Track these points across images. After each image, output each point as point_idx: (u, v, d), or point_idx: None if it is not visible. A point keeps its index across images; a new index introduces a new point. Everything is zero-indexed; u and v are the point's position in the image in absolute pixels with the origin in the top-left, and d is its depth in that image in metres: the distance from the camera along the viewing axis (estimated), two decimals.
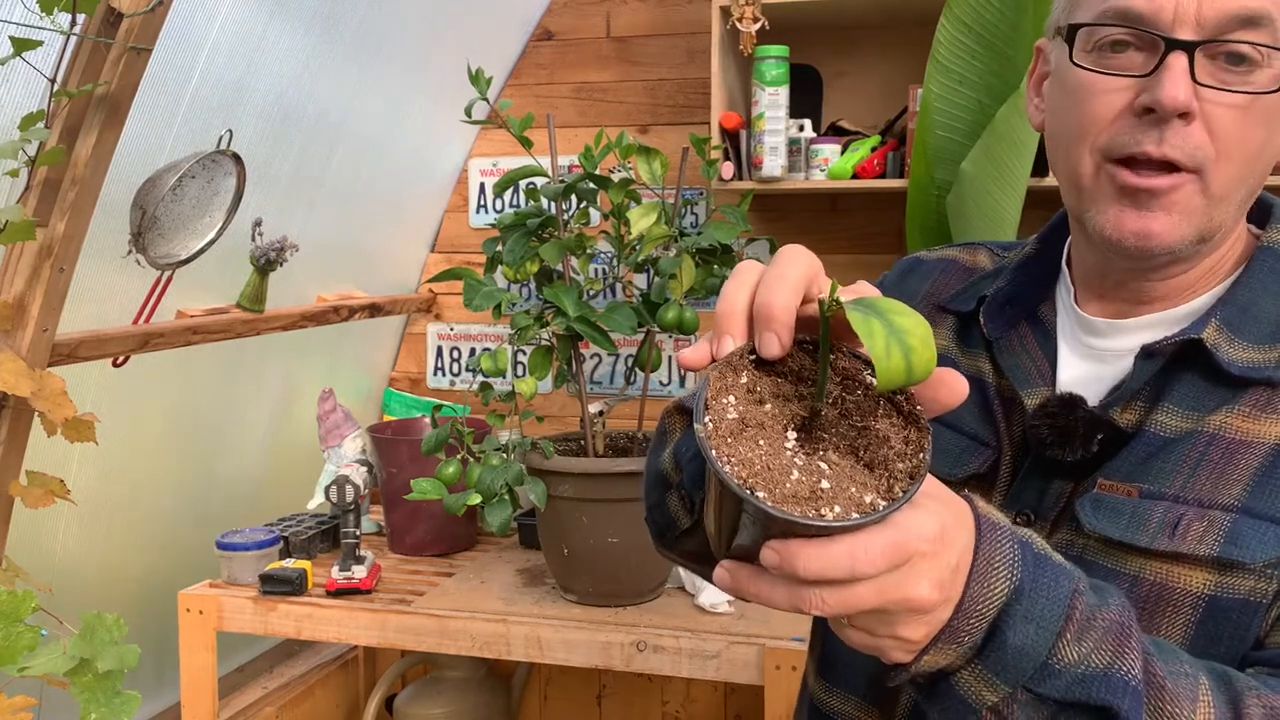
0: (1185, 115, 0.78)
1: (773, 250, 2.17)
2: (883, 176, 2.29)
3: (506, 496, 1.91)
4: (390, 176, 2.59)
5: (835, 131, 2.43)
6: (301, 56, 2.06)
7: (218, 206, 1.90)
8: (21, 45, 1.29)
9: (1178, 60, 0.77)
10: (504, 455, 1.96)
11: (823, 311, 0.60)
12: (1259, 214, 0.91)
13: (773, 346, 0.62)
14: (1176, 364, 0.84)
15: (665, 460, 1.01)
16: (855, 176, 2.28)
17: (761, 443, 0.59)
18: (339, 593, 2.08)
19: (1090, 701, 0.65)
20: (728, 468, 0.57)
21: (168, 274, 1.88)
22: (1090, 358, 0.89)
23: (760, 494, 0.57)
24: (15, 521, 1.50)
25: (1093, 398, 0.85)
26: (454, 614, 2.00)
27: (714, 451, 0.58)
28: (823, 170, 2.31)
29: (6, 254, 1.47)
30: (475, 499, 1.92)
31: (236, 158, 1.87)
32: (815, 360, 0.63)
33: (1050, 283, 0.94)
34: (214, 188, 1.89)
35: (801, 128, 2.34)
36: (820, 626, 1.01)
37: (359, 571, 2.09)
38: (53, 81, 1.41)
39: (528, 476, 1.94)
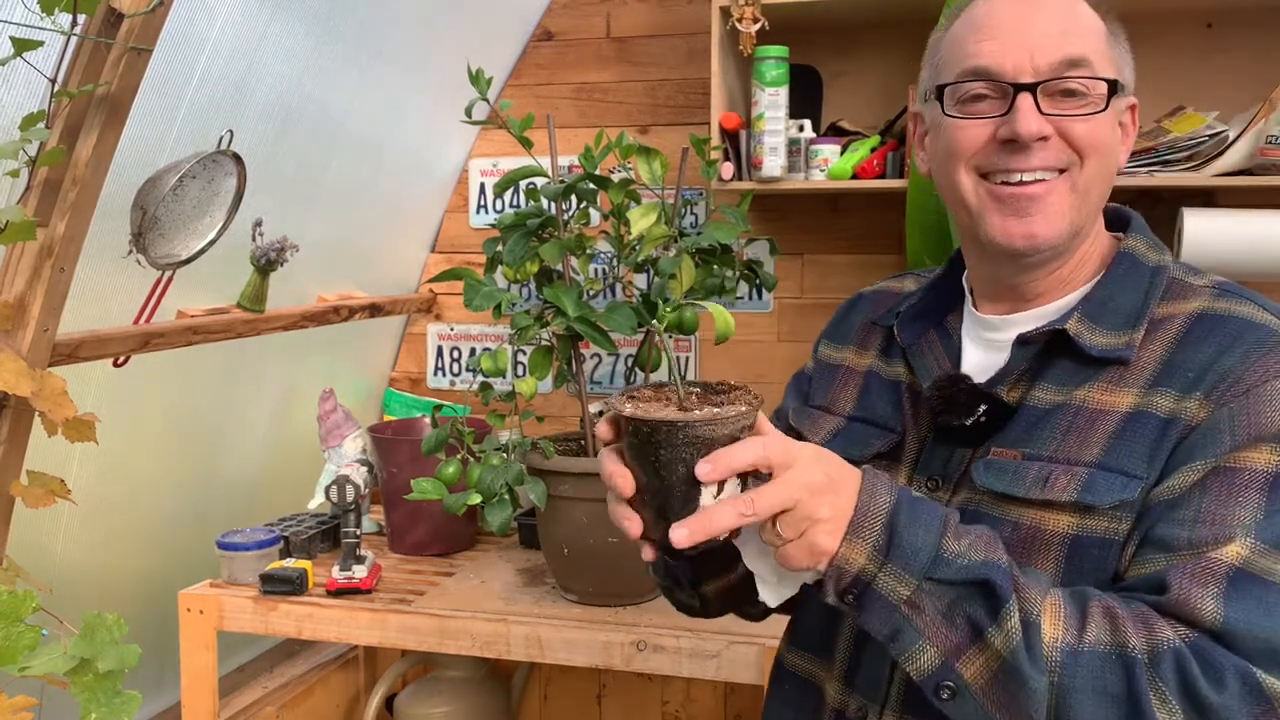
0: (1043, 139, 1.00)
1: (772, 250, 2.17)
2: (882, 177, 2.29)
3: (506, 496, 1.91)
4: (390, 177, 2.59)
5: (835, 132, 2.43)
6: (302, 57, 2.06)
7: (218, 207, 1.91)
8: (22, 45, 1.30)
9: (1025, 100, 0.99)
10: (504, 455, 1.97)
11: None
12: (1119, 223, 1.12)
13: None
14: (1051, 350, 1.04)
15: (657, 582, 1.24)
16: (855, 177, 2.28)
17: (657, 406, 0.91)
18: (339, 592, 2.08)
19: (976, 578, 0.88)
20: (641, 410, 0.89)
21: (168, 274, 1.88)
22: (987, 348, 1.09)
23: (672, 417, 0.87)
24: (16, 521, 1.51)
25: (984, 379, 1.06)
26: (454, 614, 2.00)
27: (629, 408, 0.90)
28: (822, 170, 2.31)
29: (7, 254, 1.47)
30: (475, 499, 1.92)
31: (237, 158, 1.87)
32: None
33: (958, 299, 1.15)
34: (214, 188, 1.89)
35: (801, 128, 2.34)
36: (794, 608, 1.20)
37: (359, 571, 2.09)
38: (53, 82, 1.41)
39: (528, 476, 1.94)
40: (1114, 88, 1.02)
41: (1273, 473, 0.92)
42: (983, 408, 1.02)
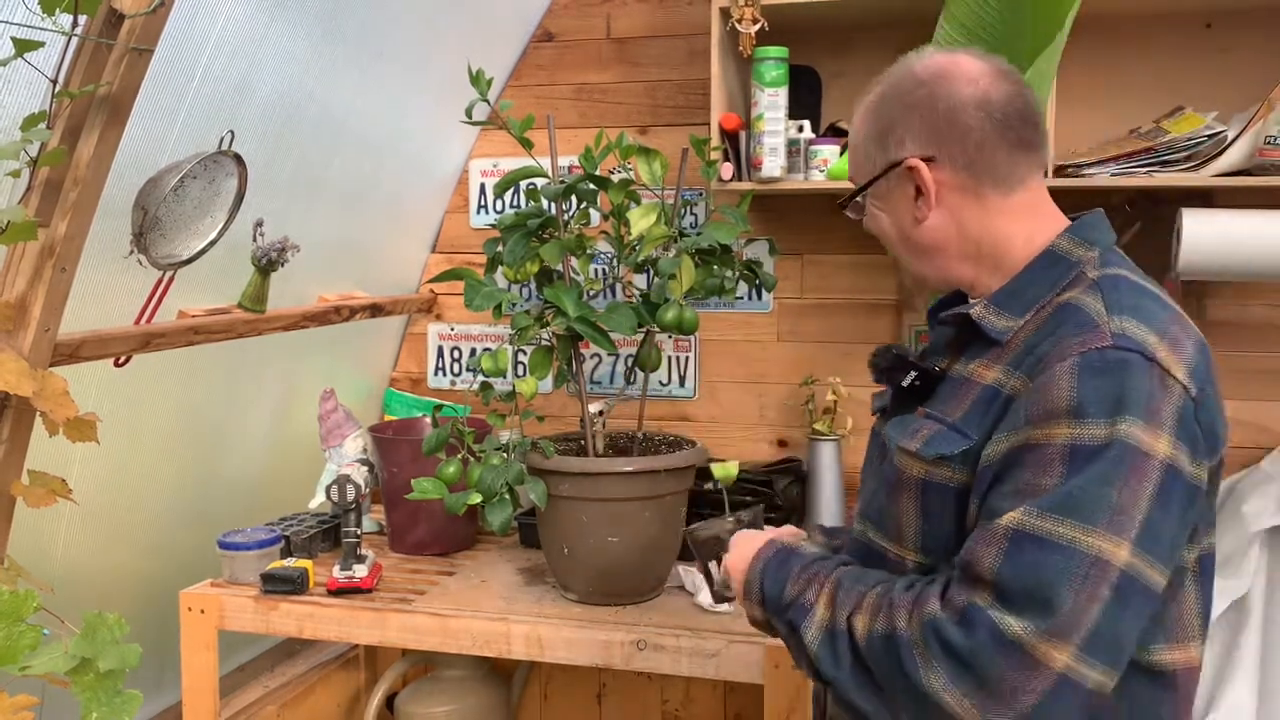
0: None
1: (772, 251, 2.17)
2: None
3: (507, 496, 1.92)
4: (391, 177, 2.60)
5: (834, 132, 2.44)
6: (303, 57, 2.07)
7: (219, 207, 1.91)
8: (23, 46, 1.30)
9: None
10: (504, 455, 1.97)
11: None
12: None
13: None
14: (968, 332, 1.23)
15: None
16: None
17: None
18: (340, 592, 2.08)
19: (785, 618, 1.23)
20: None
21: (169, 274, 1.88)
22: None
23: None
24: (17, 521, 1.51)
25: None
26: (455, 613, 2.01)
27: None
28: (822, 171, 2.31)
29: (9, 254, 1.48)
30: (476, 498, 1.92)
31: (238, 158, 1.87)
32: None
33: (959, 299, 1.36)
34: (215, 188, 1.89)
35: (801, 128, 2.34)
36: None
37: (360, 571, 2.09)
38: (54, 82, 1.41)
39: (528, 476, 1.94)
40: (857, 194, 1.30)
41: (1069, 446, 1.06)
42: (913, 374, 1.26)
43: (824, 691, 1.34)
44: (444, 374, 2.93)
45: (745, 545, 1.33)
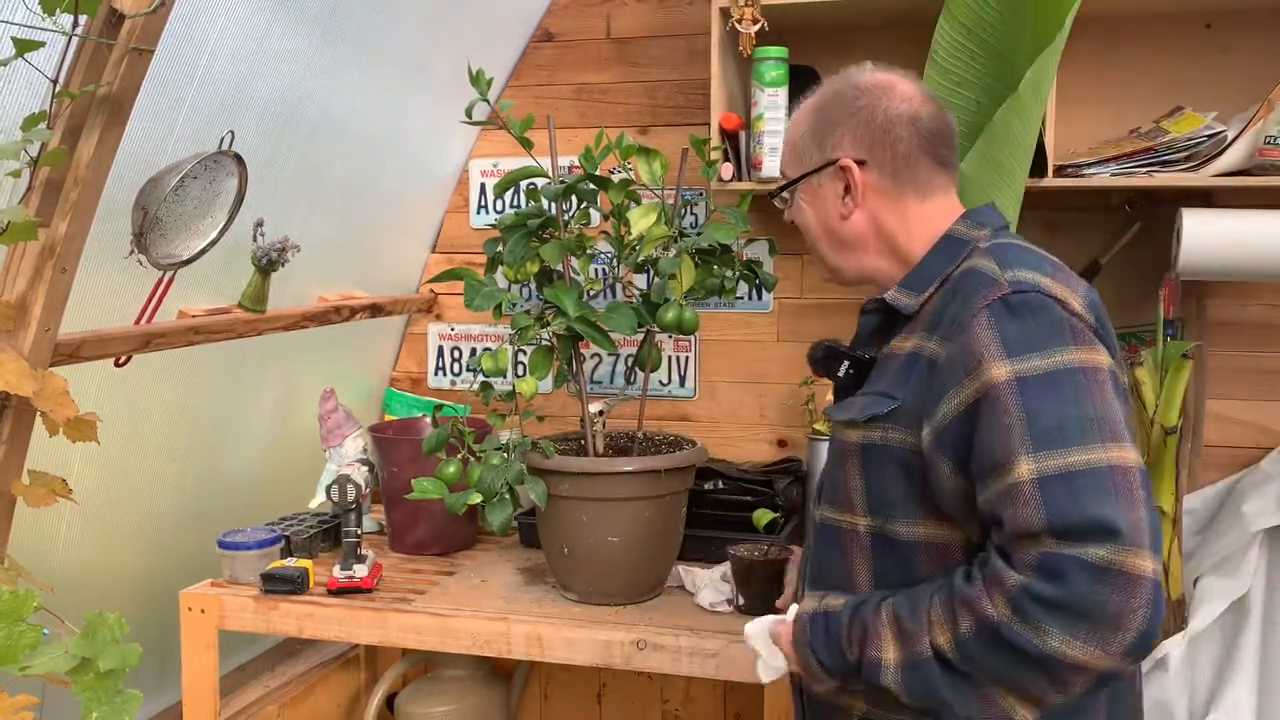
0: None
1: (772, 251, 2.17)
2: None
3: (507, 496, 1.92)
4: (391, 177, 2.60)
5: None
6: (303, 57, 2.07)
7: (219, 207, 1.91)
8: (24, 46, 1.30)
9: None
10: (504, 455, 1.97)
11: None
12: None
13: None
14: (890, 315, 1.36)
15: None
16: None
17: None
18: (340, 592, 2.08)
19: (861, 679, 1.24)
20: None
21: (169, 274, 1.88)
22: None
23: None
24: (17, 521, 1.51)
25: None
26: (455, 613, 2.01)
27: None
28: None
29: (9, 254, 1.48)
30: (476, 498, 1.92)
31: (238, 158, 1.87)
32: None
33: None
34: (216, 188, 1.89)
35: None
36: None
37: (360, 570, 2.09)
38: (55, 82, 1.41)
39: (528, 476, 1.94)
40: (787, 186, 1.43)
41: (1015, 379, 1.16)
42: (846, 363, 1.39)
43: (799, 685, 1.44)
44: (444, 374, 2.93)
45: (786, 637, 1.35)
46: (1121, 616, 1.07)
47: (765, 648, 1.38)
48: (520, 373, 2.76)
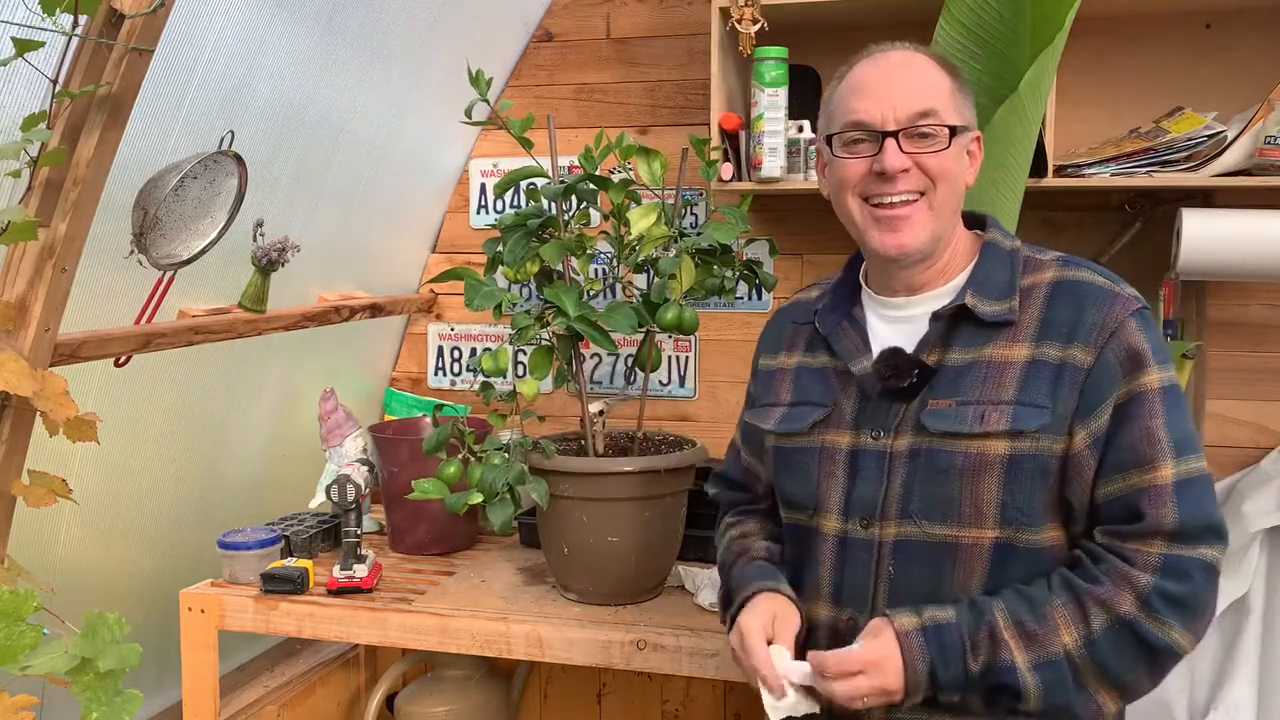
0: (905, 171, 1.31)
1: (772, 251, 2.17)
2: None
3: (508, 496, 1.92)
4: (391, 177, 2.60)
5: None
6: (303, 57, 2.07)
7: (219, 207, 1.91)
8: (24, 46, 1.30)
9: (890, 142, 1.31)
10: (505, 455, 1.97)
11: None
12: (979, 222, 1.44)
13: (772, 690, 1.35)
14: (955, 321, 1.35)
15: None
16: None
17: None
18: (340, 592, 2.08)
19: (986, 686, 1.26)
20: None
21: (169, 274, 1.88)
22: (893, 324, 1.41)
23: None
24: (17, 521, 1.51)
25: (910, 347, 1.36)
26: (455, 613, 2.01)
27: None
28: None
29: (9, 254, 1.48)
30: (476, 498, 1.92)
31: (238, 158, 1.87)
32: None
33: (855, 294, 1.46)
34: (216, 188, 1.89)
35: (801, 128, 2.34)
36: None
37: (360, 570, 2.10)
38: (55, 82, 1.41)
39: (529, 476, 1.94)
40: (955, 130, 1.33)
41: (1162, 388, 1.27)
42: (916, 370, 1.34)
43: None
44: (444, 374, 2.93)
45: (878, 662, 1.27)
46: (1206, 608, 1.24)
47: (801, 691, 1.32)
48: (520, 373, 2.76)
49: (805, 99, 2.45)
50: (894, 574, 1.34)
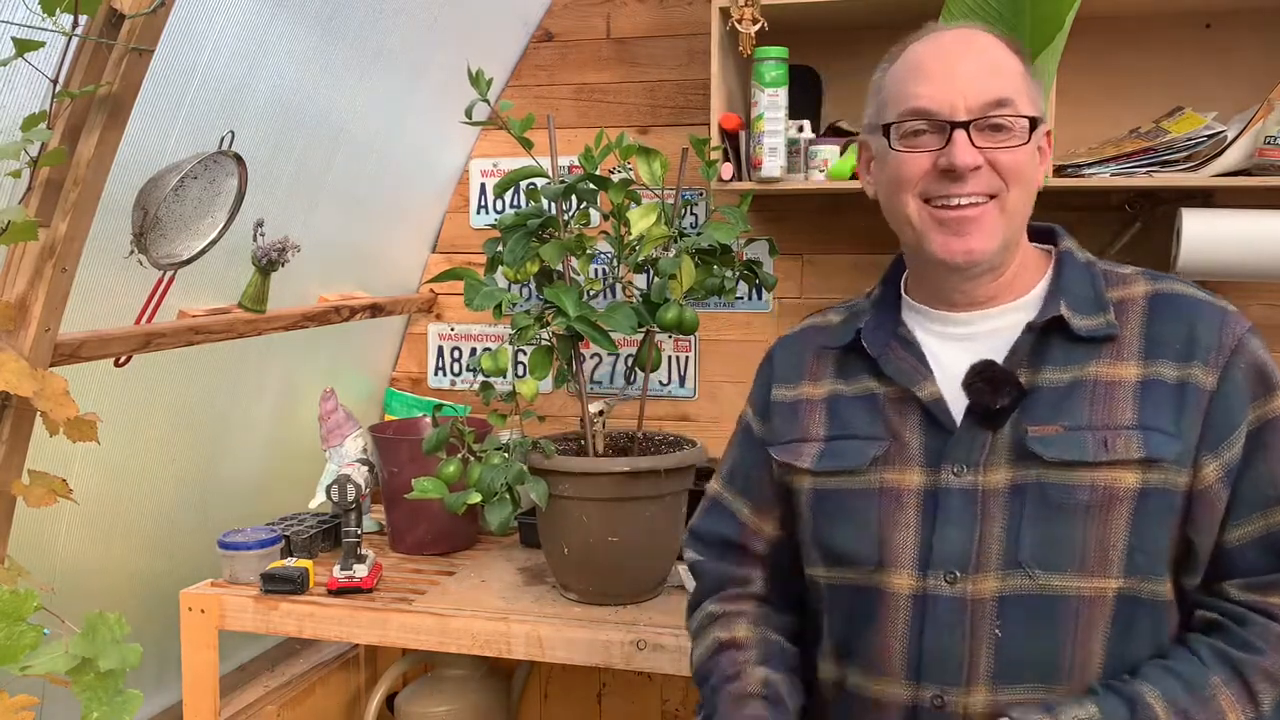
0: (975, 168, 1.13)
1: (772, 251, 2.17)
2: None
3: (507, 496, 1.92)
4: (391, 177, 2.60)
5: (834, 132, 2.44)
6: (303, 57, 2.07)
7: (220, 207, 1.91)
8: (24, 46, 1.30)
9: (960, 135, 1.13)
10: (505, 454, 1.97)
11: None
12: (1048, 237, 1.28)
13: None
14: (1044, 337, 1.17)
15: None
16: (854, 177, 2.28)
17: None
18: (340, 592, 2.08)
19: None
20: None
21: (170, 274, 1.88)
22: (956, 342, 1.22)
23: None
24: (17, 521, 1.51)
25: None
26: (455, 613, 2.01)
27: None
28: (822, 171, 2.31)
29: (9, 254, 1.48)
30: (476, 498, 1.92)
31: (238, 158, 1.87)
32: None
33: (897, 311, 1.28)
34: (216, 188, 1.89)
35: (801, 128, 2.34)
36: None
37: (360, 570, 2.10)
38: (55, 82, 1.41)
39: (529, 476, 1.94)
40: (1034, 123, 1.16)
41: None
42: (1008, 388, 1.15)
43: None
44: (444, 374, 2.93)
45: None
46: None
47: None
48: (520, 373, 2.76)
49: (805, 99, 2.46)
50: (1000, 638, 1.12)
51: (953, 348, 1.21)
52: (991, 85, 1.14)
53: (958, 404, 1.18)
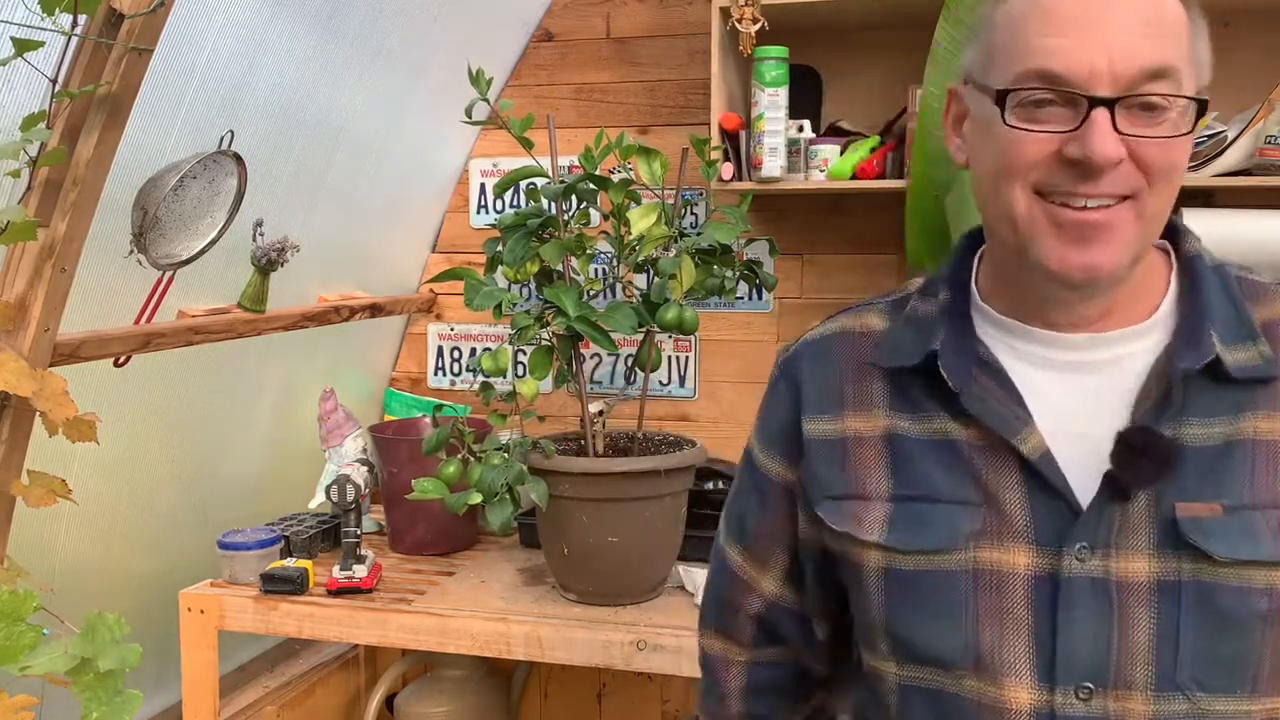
0: (1116, 163, 0.84)
1: (772, 251, 2.17)
2: (882, 177, 2.29)
3: (507, 496, 1.92)
4: (391, 177, 2.60)
5: (835, 132, 2.43)
6: (303, 57, 2.07)
7: (219, 207, 1.91)
8: (23, 46, 1.30)
9: (1101, 116, 0.83)
10: (505, 455, 1.97)
11: None
12: (1166, 231, 0.95)
13: None
14: (1186, 378, 0.89)
15: None
16: (854, 177, 2.28)
17: None
18: (340, 592, 2.08)
19: None
20: None
21: (169, 274, 1.88)
22: (1070, 371, 0.93)
23: None
24: (17, 521, 1.51)
25: (1105, 412, 0.90)
26: (455, 613, 2.01)
27: None
28: (822, 171, 2.31)
29: (8, 254, 1.48)
30: (476, 498, 1.92)
31: (238, 158, 1.87)
32: None
33: (968, 321, 0.98)
34: (215, 188, 1.89)
35: (801, 128, 2.34)
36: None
37: (360, 571, 2.09)
38: (54, 82, 1.41)
39: (529, 476, 1.94)
40: (1203, 108, 0.85)
41: None
42: (1153, 457, 0.87)
43: None
44: (444, 374, 2.93)
45: None
46: None
47: None
48: (520, 373, 2.76)
49: (805, 99, 2.46)
50: None
51: (1054, 381, 0.93)
52: (1150, 47, 0.83)
53: (1068, 458, 0.90)
